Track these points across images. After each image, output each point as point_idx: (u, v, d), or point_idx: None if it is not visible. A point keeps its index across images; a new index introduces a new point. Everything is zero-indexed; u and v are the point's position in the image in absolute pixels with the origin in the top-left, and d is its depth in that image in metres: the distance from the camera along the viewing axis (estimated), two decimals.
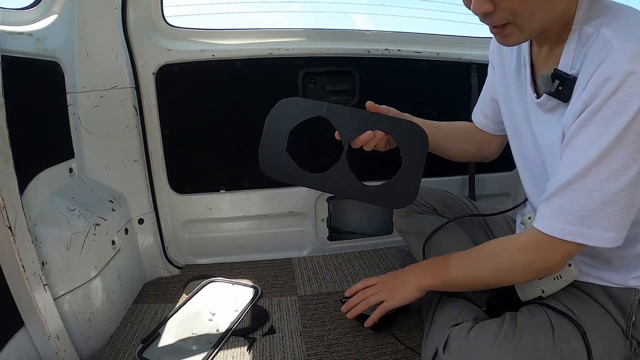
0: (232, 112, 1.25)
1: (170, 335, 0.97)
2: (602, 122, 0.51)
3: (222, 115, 1.25)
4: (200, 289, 1.17)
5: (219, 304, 1.10)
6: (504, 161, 0.92)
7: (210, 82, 1.21)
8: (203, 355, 0.90)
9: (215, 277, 1.23)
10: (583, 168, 0.53)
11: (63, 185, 0.96)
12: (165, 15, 1.18)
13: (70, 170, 1.01)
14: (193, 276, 1.26)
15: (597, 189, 0.53)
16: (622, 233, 0.55)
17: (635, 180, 0.52)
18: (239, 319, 1.03)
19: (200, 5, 1.55)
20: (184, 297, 1.14)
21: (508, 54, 0.75)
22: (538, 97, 0.65)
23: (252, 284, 1.20)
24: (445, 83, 1.37)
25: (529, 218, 0.76)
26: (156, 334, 0.97)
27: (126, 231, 1.14)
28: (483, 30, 0.63)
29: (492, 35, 0.61)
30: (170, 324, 1.01)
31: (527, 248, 0.62)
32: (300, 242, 1.40)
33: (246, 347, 0.94)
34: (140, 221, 1.22)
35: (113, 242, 1.04)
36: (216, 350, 0.92)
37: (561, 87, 0.58)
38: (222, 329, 0.99)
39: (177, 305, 1.10)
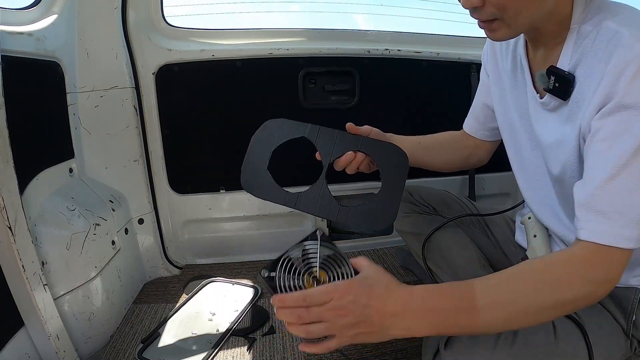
0: (232, 112, 1.25)
1: (170, 335, 0.97)
2: (632, 108, 0.48)
3: (222, 115, 1.25)
4: (200, 289, 1.17)
5: (219, 304, 1.10)
6: (504, 161, 0.92)
7: (210, 82, 1.21)
8: (203, 355, 0.90)
9: (215, 277, 1.23)
10: (623, 158, 0.48)
11: (63, 185, 0.96)
12: (165, 15, 1.18)
13: (70, 170, 1.01)
14: (193, 276, 1.26)
15: None
16: None
17: None
18: (239, 319, 1.03)
19: (200, 5, 1.55)
20: (184, 297, 1.14)
21: (502, 58, 0.75)
22: (541, 97, 0.65)
23: (252, 284, 1.20)
24: (445, 83, 1.37)
25: (529, 218, 0.77)
26: (156, 334, 0.97)
27: (126, 231, 1.14)
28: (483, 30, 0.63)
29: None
30: (170, 324, 1.01)
31: (588, 266, 0.51)
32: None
33: (246, 347, 0.94)
34: (140, 221, 1.22)
35: (113, 242, 1.04)
36: (216, 350, 0.92)
37: (557, 84, 0.58)
38: (222, 329, 0.99)
39: (177, 305, 1.10)
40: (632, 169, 0.48)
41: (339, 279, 0.59)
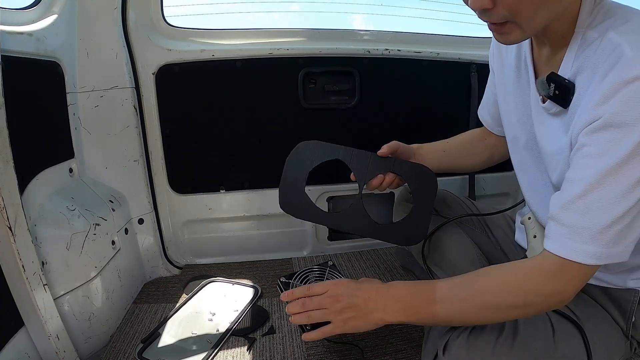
0: (232, 112, 1.25)
1: (170, 335, 0.97)
2: (619, 129, 0.47)
3: (222, 115, 1.25)
4: (200, 289, 1.17)
5: (219, 304, 1.10)
6: (504, 161, 0.92)
7: (210, 82, 1.21)
8: (203, 355, 0.90)
9: (215, 277, 1.23)
10: (599, 176, 0.49)
11: (63, 185, 0.96)
12: (165, 15, 1.18)
13: (70, 170, 1.01)
14: (193, 276, 1.26)
15: (615, 201, 0.48)
16: (631, 247, 0.52)
17: None
18: (239, 319, 1.03)
19: (200, 5, 1.55)
20: (184, 297, 1.14)
21: (507, 53, 0.73)
22: (544, 101, 0.63)
23: (252, 284, 1.20)
24: (445, 83, 1.37)
25: (529, 218, 0.77)
26: (156, 334, 0.97)
27: (126, 231, 1.14)
28: (483, 30, 0.62)
29: (491, 35, 0.59)
30: (170, 324, 1.01)
31: (542, 277, 0.54)
32: (300, 242, 1.40)
33: (246, 347, 0.94)
34: (140, 221, 1.22)
35: (113, 242, 1.04)
36: (216, 350, 0.92)
37: (557, 92, 0.56)
38: (222, 329, 0.99)
39: (177, 305, 1.10)
40: (605, 188, 0.49)
41: None
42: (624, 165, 0.47)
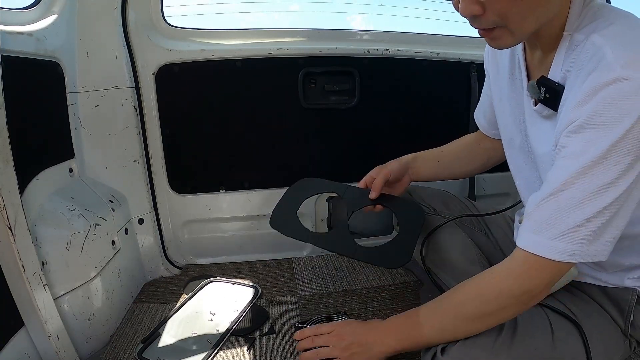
0: (232, 112, 1.25)
1: (170, 335, 0.97)
2: (596, 130, 0.48)
3: (222, 115, 1.25)
4: (200, 289, 1.17)
5: (219, 304, 1.10)
6: (504, 161, 0.92)
7: (210, 82, 1.21)
8: (203, 355, 0.90)
9: (215, 277, 1.23)
10: (572, 175, 0.49)
11: (63, 185, 0.96)
12: (165, 15, 1.18)
13: (70, 170, 1.01)
14: (193, 276, 1.26)
15: (586, 200, 0.49)
16: (610, 247, 0.52)
17: (627, 192, 0.49)
18: (239, 319, 1.03)
19: (200, 5, 1.55)
20: (184, 297, 1.14)
21: (502, 56, 0.74)
22: (535, 104, 0.63)
23: (252, 284, 1.20)
24: (445, 83, 1.37)
25: None
26: (156, 334, 0.97)
27: (126, 231, 1.14)
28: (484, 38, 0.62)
29: None
30: (170, 324, 1.01)
31: (510, 278, 0.56)
32: (300, 242, 1.40)
33: (246, 347, 0.94)
34: (140, 221, 1.22)
35: (113, 242, 1.04)
36: (216, 350, 0.92)
37: (547, 95, 0.57)
38: (222, 329, 0.99)
39: (177, 305, 1.10)
40: (577, 186, 0.49)
41: None
42: (598, 165, 0.48)
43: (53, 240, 0.85)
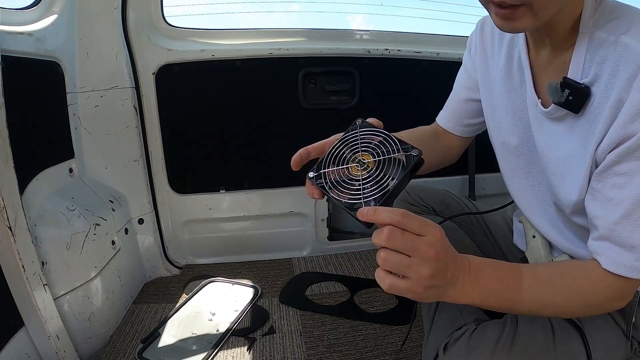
0: (232, 112, 1.25)
1: (170, 335, 0.97)
2: None
3: (222, 115, 1.25)
4: (200, 289, 1.17)
5: (219, 304, 1.10)
6: None
7: (210, 82, 1.21)
8: (203, 355, 0.90)
9: (215, 277, 1.23)
10: None
11: (63, 185, 0.96)
12: (165, 15, 1.18)
13: (70, 170, 1.01)
14: (193, 276, 1.26)
15: None
16: None
17: None
18: (239, 319, 1.03)
19: (200, 5, 1.55)
20: (184, 297, 1.14)
21: (494, 53, 0.71)
22: (545, 105, 0.60)
23: (252, 284, 1.20)
24: (445, 83, 1.36)
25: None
26: (156, 334, 0.97)
27: (126, 231, 1.14)
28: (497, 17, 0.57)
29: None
30: (170, 324, 1.01)
31: (603, 285, 0.55)
32: (300, 242, 1.40)
33: (246, 347, 0.94)
34: (140, 221, 1.22)
35: (113, 242, 1.04)
36: (216, 350, 0.92)
37: (571, 97, 0.54)
38: (222, 329, 0.99)
39: (177, 305, 1.10)
40: None
41: (384, 155, 0.52)
42: None
43: (53, 240, 0.85)
